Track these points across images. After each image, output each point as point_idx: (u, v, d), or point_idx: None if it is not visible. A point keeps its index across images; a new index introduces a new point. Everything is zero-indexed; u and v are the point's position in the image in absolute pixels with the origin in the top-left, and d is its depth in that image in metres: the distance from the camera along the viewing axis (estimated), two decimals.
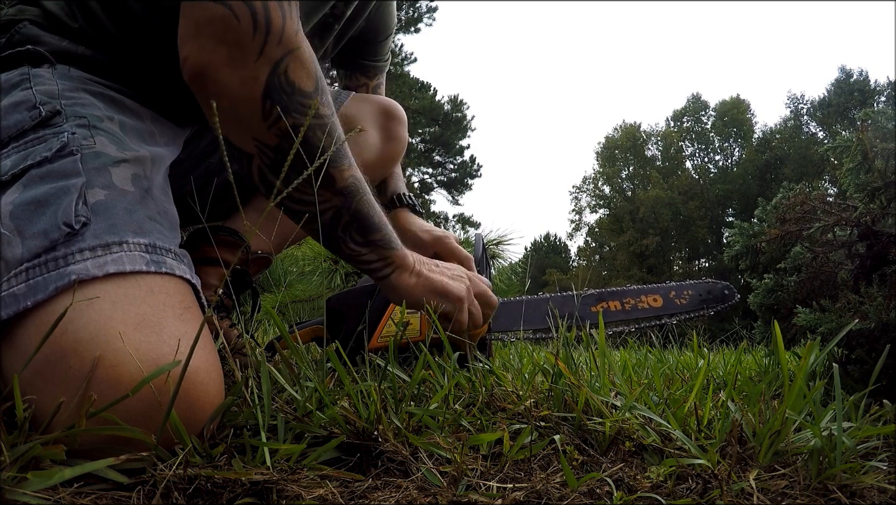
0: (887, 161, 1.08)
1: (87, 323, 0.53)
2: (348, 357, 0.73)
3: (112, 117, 0.74)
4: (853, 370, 1.09)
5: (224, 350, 0.68)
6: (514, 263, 3.60)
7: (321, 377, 0.66)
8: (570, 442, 0.62)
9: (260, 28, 0.63)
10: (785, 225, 1.26)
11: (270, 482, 0.48)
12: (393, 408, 0.62)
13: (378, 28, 1.21)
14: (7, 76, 0.73)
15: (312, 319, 1.04)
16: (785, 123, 31.10)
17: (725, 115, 32.10)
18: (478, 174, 21.42)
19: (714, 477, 0.53)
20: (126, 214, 0.63)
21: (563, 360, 0.75)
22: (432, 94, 19.41)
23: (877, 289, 1.03)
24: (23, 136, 0.66)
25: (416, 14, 15.95)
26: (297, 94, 0.66)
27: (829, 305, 1.07)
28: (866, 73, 28.85)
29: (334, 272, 3.08)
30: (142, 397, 0.50)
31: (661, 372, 1.07)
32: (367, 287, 1.00)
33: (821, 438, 0.56)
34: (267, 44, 0.64)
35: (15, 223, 0.58)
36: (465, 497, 0.49)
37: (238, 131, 0.68)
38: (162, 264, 0.61)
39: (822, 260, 1.19)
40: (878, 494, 0.55)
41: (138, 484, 0.47)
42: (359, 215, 0.76)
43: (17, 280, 0.55)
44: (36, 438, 0.47)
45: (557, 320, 0.95)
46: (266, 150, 0.68)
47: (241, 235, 1.04)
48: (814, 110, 30.38)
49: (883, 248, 1.07)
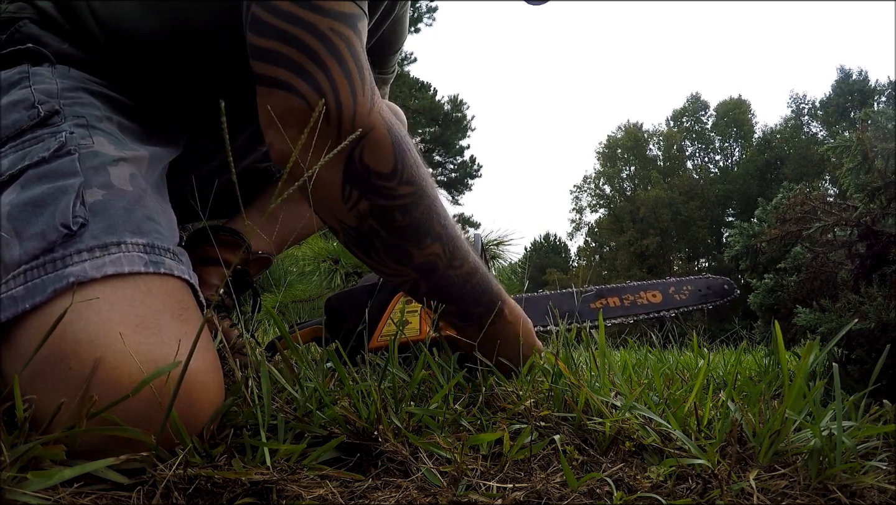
0: (887, 161, 1.08)
1: (86, 325, 0.53)
2: (348, 357, 0.73)
3: (111, 117, 0.74)
4: (853, 370, 1.09)
5: (224, 350, 0.68)
6: (514, 263, 3.60)
7: (321, 377, 0.66)
8: (570, 442, 0.62)
9: (332, 116, 0.63)
10: (785, 225, 1.26)
11: (270, 482, 0.48)
12: (393, 408, 0.62)
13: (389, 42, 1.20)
14: (6, 74, 0.73)
15: (313, 319, 1.04)
16: (786, 123, 31.10)
17: (726, 115, 32.11)
18: (478, 174, 21.43)
19: (714, 477, 0.53)
20: (124, 214, 0.62)
21: (563, 360, 0.75)
22: (432, 94, 19.41)
23: (877, 289, 1.03)
24: (21, 135, 0.66)
25: (416, 14, 15.94)
26: (374, 176, 0.66)
27: (829, 305, 1.07)
28: (866, 73, 28.84)
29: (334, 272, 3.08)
30: (142, 398, 0.50)
31: (661, 372, 1.07)
32: (367, 287, 1.00)
33: (821, 438, 0.56)
34: (341, 130, 0.64)
35: (13, 224, 0.58)
36: (465, 497, 0.49)
37: (322, 210, 0.70)
38: (160, 265, 0.61)
39: (822, 260, 1.19)
40: (878, 494, 0.55)
41: (138, 484, 0.47)
42: (437, 289, 0.75)
43: (16, 282, 0.55)
44: (36, 438, 0.47)
45: (557, 319, 0.95)
46: (348, 229, 0.70)
47: (242, 236, 1.04)
48: (815, 110, 30.40)
49: (883, 249, 1.07)
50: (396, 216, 0.69)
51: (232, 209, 1.09)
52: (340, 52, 0.64)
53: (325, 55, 0.63)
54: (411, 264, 0.72)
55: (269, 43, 0.64)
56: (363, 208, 0.67)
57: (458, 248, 0.75)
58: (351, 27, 0.66)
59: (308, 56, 0.63)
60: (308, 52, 0.63)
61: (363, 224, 0.69)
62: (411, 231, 0.70)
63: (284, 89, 0.63)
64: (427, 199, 0.71)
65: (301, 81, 0.63)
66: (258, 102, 0.66)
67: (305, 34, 0.63)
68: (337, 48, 0.64)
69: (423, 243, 0.71)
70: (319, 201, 0.68)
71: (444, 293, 0.76)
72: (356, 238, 0.71)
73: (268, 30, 0.64)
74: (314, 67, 0.63)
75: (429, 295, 0.76)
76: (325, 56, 0.63)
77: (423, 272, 0.73)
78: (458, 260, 0.75)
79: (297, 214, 1.13)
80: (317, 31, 0.63)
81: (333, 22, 0.64)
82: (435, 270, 0.73)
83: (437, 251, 0.73)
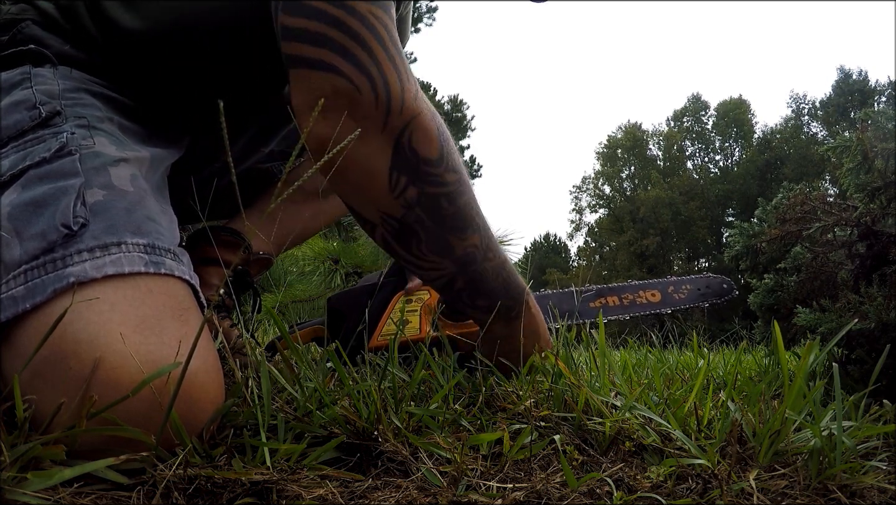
0: (887, 161, 1.08)
1: (86, 325, 0.53)
2: (348, 356, 0.73)
3: (112, 118, 0.74)
4: (853, 370, 1.09)
5: (224, 350, 0.68)
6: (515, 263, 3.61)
7: (321, 377, 0.66)
8: (570, 442, 0.62)
9: (381, 98, 0.61)
10: (785, 225, 1.26)
11: (270, 482, 0.48)
12: (393, 408, 0.62)
13: None
14: (8, 75, 0.73)
15: (313, 319, 1.04)
16: (786, 123, 31.10)
17: (726, 115, 32.10)
18: (478, 174, 21.47)
19: (714, 477, 0.53)
20: (125, 215, 0.62)
21: (563, 360, 0.75)
22: (432, 95, 19.41)
23: (877, 289, 1.03)
24: (22, 136, 0.66)
25: (416, 14, 15.95)
26: (422, 163, 0.65)
27: (829, 305, 1.07)
28: (866, 74, 28.83)
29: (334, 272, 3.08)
30: (142, 398, 0.50)
31: (661, 372, 1.07)
32: (367, 287, 1.00)
33: (821, 438, 0.56)
34: (390, 114, 0.61)
35: (13, 224, 0.58)
36: (465, 497, 0.49)
37: (363, 202, 0.67)
38: (161, 265, 0.61)
39: (822, 260, 1.19)
40: (878, 494, 0.55)
41: (138, 484, 0.47)
42: (471, 282, 0.74)
43: (16, 282, 0.55)
44: (36, 438, 0.47)
45: (557, 319, 0.95)
46: (391, 220, 0.67)
47: (243, 236, 1.04)
48: (815, 110, 30.39)
49: (883, 249, 1.07)
50: (443, 204, 0.67)
51: (233, 210, 1.09)
52: (381, 35, 0.62)
53: (367, 36, 0.60)
54: (452, 256, 0.71)
55: (307, 23, 0.60)
56: (411, 196, 0.65)
57: (491, 240, 0.74)
58: (386, 11, 0.63)
59: (350, 36, 0.60)
60: (350, 32, 0.60)
61: (409, 214, 0.67)
62: (457, 220, 0.69)
63: (326, 70, 0.60)
64: (469, 188, 0.70)
65: (345, 62, 0.60)
66: (291, 86, 0.63)
67: (344, 14, 0.60)
68: (377, 31, 0.61)
69: (465, 234, 0.70)
70: (359, 192, 0.66)
71: (478, 286, 0.75)
72: (398, 230, 0.68)
73: (304, 9, 0.60)
74: (357, 48, 0.60)
75: (463, 289, 0.75)
76: (367, 37, 0.60)
77: (462, 264, 0.72)
78: (492, 252, 0.74)
79: (298, 215, 1.13)
80: (356, 13, 0.61)
81: (371, 5, 0.62)
82: (473, 263, 0.72)
83: (476, 242, 0.72)
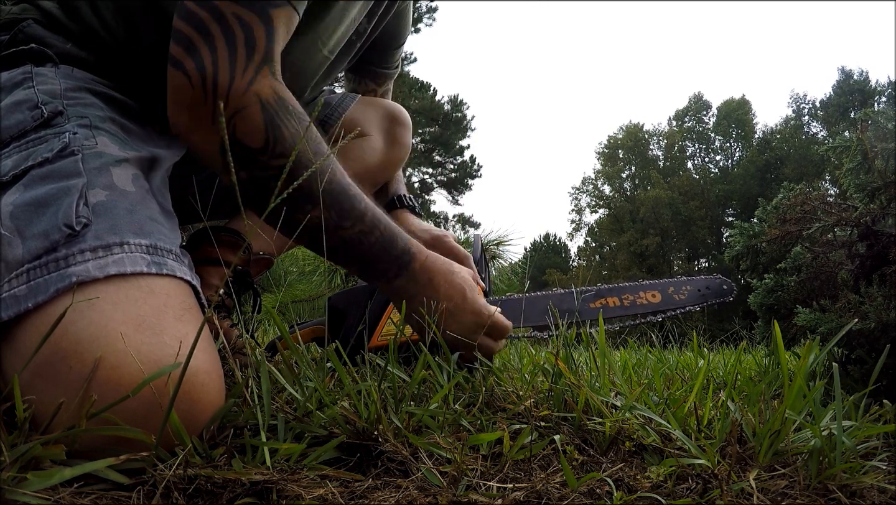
0: (887, 161, 1.08)
1: (87, 324, 0.53)
2: (348, 356, 0.73)
3: (114, 118, 0.74)
4: (853, 370, 1.09)
5: (224, 350, 0.68)
6: (514, 263, 3.60)
7: (321, 377, 0.66)
8: (570, 442, 0.62)
9: (208, 91, 0.67)
10: (785, 225, 1.26)
11: (270, 482, 0.48)
12: (393, 408, 0.62)
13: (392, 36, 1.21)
14: (9, 75, 0.73)
15: (313, 319, 1.04)
16: (786, 123, 31.08)
17: (728, 116, 32.08)
18: (478, 174, 21.42)
19: (714, 477, 0.53)
20: (127, 215, 0.63)
21: (563, 360, 0.75)
22: (432, 94, 19.40)
23: (877, 289, 1.03)
24: (24, 136, 0.66)
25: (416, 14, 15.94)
26: (246, 152, 0.70)
27: (829, 305, 1.07)
28: (866, 74, 28.82)
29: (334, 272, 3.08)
30: (142, 398, 0.50)
31: (661, 372, 1.07)
32: (368, 287, 1.00)
33: (821, 438, 0.56)
34: (216, 108, 0.68)
35: (15, 224, 0.58)
36: (465, 497, 0.49)
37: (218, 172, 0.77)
38: (163, 266, 0.61)
39: (822, 260, 1.19)
40: (878, 494, 0.55)
41: (138, 484, 0.47)
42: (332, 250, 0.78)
43: (18, 281, 0.55)
44: (36, 438, 0.47)
45: (557, 319, 0.95)
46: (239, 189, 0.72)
47: (243, 236, 1.04)
48: (815, 110, 30.37)
49: (883, 249, 1.07)
50: (271, 185, 0.72)
51: (233, 210, 1.09)
52: (232, 32, 0.67)
53: (218, 36, 0.67)
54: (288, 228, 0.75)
55: (179, 23, 0.68)
56: (242, 178, 0.72)
57: (347, 211, 0.77)
58: (258, 13, 0.69)
59: (201, 34, 0.67)
60: (202, 30, 0.67)
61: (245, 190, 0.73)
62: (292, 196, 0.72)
63: (175, 66, 0.67)
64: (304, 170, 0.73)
65: (188, 59, 0.67)
66: None
67: (206, 15, 0.67)
68: (231, 29, 0.67)
69: (305, 207, 0.74)
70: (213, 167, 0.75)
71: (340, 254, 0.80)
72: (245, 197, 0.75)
73: (183, 12, 0.68)
74: (204, 48, 0.67)
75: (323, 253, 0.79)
76: (217, 37, 0.67)
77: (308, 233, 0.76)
78: (349, 221, 0.77)
79: None
80: (217, 13, 0.67)
81: (238, 7, 0.68)
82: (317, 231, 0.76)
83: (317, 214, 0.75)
